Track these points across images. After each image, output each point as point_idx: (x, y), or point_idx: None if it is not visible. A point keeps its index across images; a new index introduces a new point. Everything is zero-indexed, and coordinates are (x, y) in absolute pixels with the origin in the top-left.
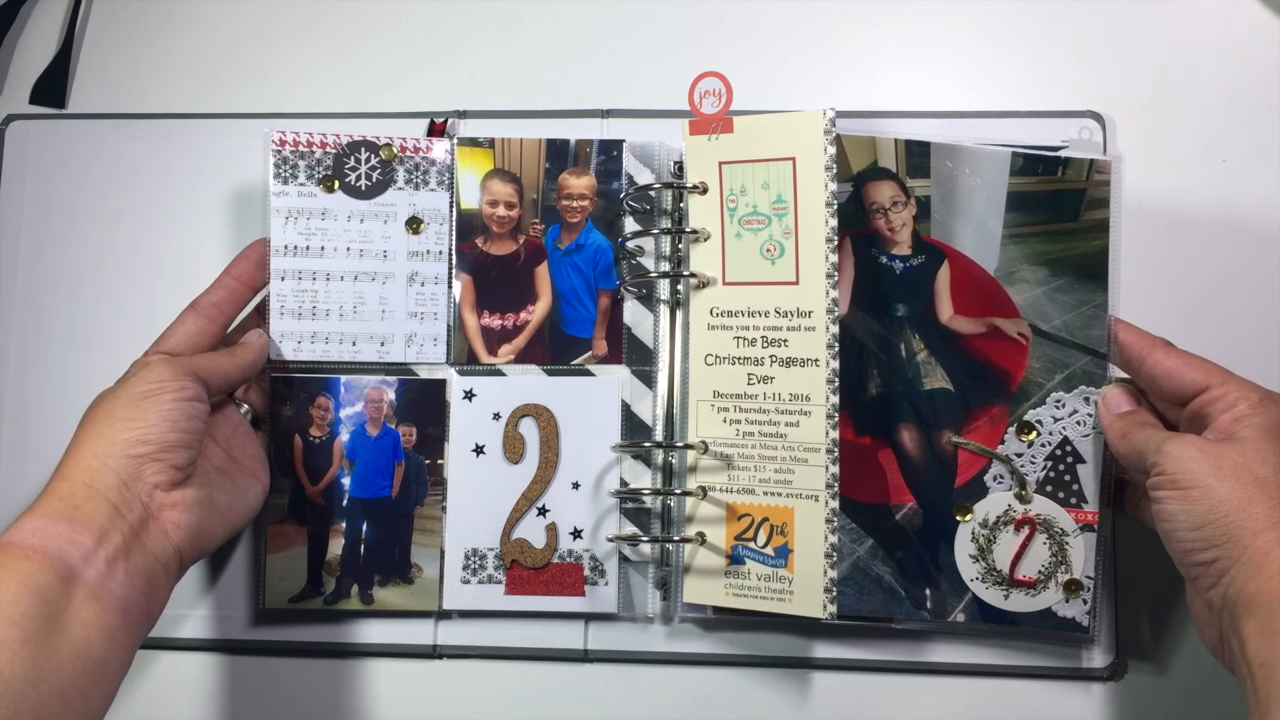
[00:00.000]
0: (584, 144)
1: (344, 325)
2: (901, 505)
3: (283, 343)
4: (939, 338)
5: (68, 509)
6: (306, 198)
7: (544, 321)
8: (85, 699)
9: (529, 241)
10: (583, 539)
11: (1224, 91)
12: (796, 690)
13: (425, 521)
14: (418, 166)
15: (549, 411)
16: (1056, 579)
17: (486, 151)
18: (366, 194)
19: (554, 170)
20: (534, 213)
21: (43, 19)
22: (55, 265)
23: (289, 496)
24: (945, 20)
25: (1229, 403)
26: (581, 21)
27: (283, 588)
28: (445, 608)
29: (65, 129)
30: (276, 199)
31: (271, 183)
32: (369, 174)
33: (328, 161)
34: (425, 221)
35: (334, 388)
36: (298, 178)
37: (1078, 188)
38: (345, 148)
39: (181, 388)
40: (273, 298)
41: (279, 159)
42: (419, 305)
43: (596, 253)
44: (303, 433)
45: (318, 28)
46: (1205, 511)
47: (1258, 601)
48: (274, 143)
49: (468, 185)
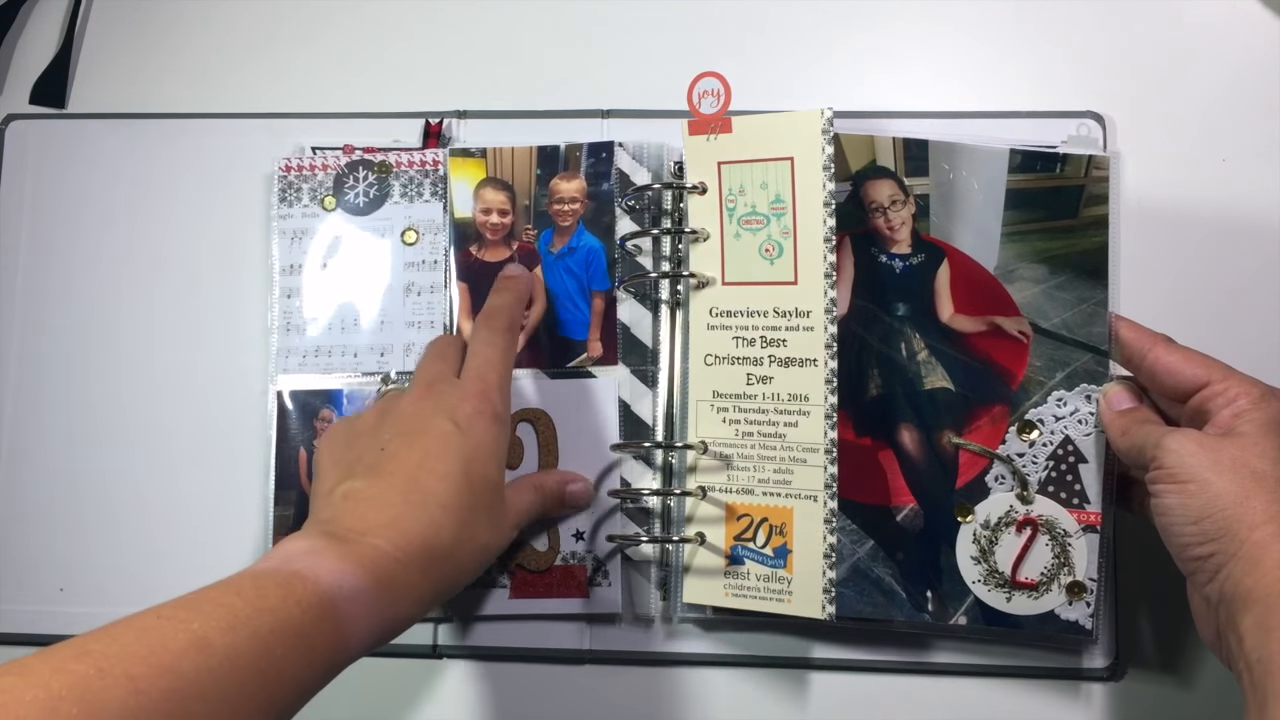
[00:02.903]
0: (574, 149)
1: (345, 338)
2: (902, 506)
3: (287, 359)
4: (940, 337)
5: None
6: (309, 218)
7: (539, 325)
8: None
9: (522, 247)
10: (585, 541)
11: (1224, 91)
12: (796, 690)
13: None
14: (412, 180)
15: (547, 416)
16: (1059, 581)
17: (479, 161)
18: (365, 210)
19: (545, 176)
20: (527, 219)
21: (43, 19)
22: (55, 265)
23: (294, 509)
24: (944, 20)
25: (1230, 398)
26: (581, 22)
27: None
28: (450, 613)
29: (65, 129)
30: (281, 221)
31: (277, 207)
32: (366, 191)
33: (328, 183)
34: (420, 232)
35: (337, 400)
36: (301, 200)
37: (1076, 184)
38: (344, 168)
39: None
40: (277, 315)
41: (284, 184)
42: (416, 315)
43: (589, 254)
44: (308, 446)
45: (318, 28)
46: (1202, 506)
47: (1254, 596)
48: (280, 169)
49: (461, 195)
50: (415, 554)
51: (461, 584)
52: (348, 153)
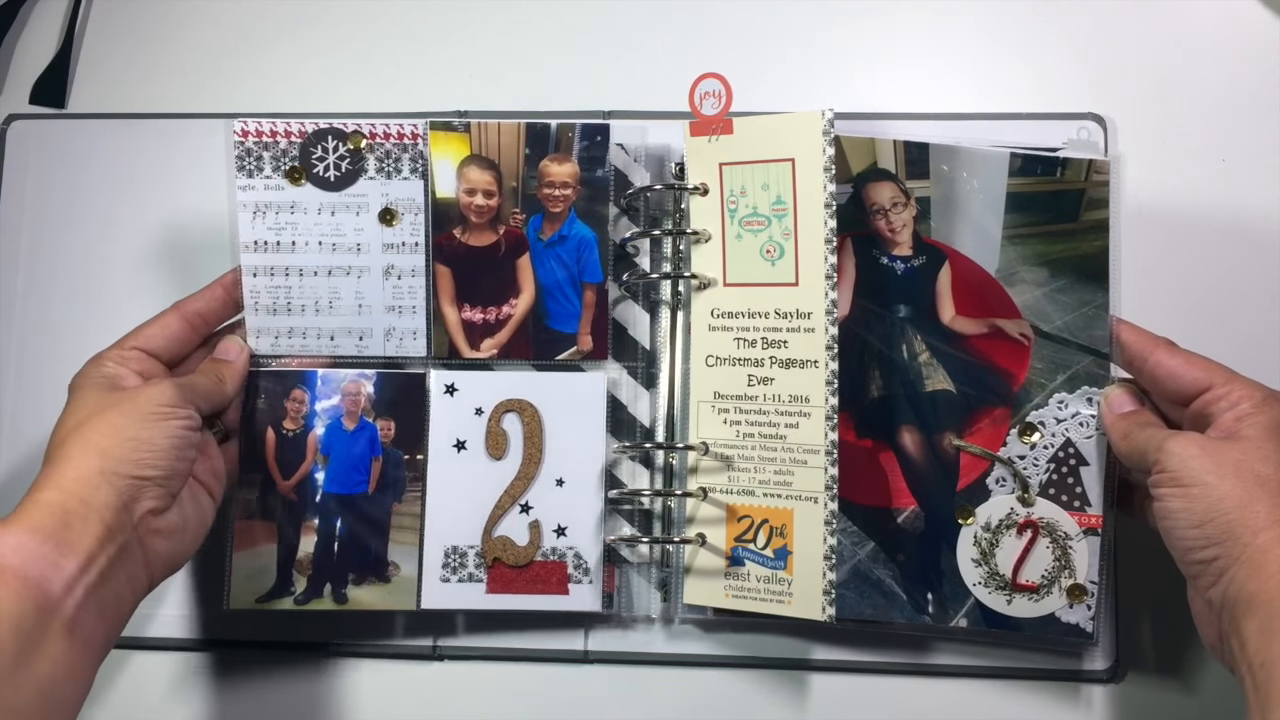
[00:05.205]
0: (566, 129)
1: (321, 320)
2: (903, 508)
3: (259, 339)
4: (941, 338)
5: (58, 525)
6: (273, 191)
7: (527, 315)
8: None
9: (510, 232)
10: (566, 536)
11: (1224, 92)
12: (796, 692)
13: (403, 518)
14: (389, 154)
15: (533, 407)
16: (1060, 584)
17: (462, 136)
18: (336, 185)
19: (534, 157)
20: (514, 202)
21: (43, 19)
22: (55, 264)
23: (258, 491)
24: (945, 22)
25: (1232, 401)
26: (582, 23)
27: (249, 586)
28: (424, 607)
29: (65, 129)
30: (242, 193)
31: (236, 176)
32: (338, 164)
33: (293, 152)
34: (399, 212)
35: (310, 381)
36: (263, 170)
37: (1077, 188)
38: (311, 137)
39: (189, 416)
40: (246, 294)
41: (242, 151)
42: (396, 299)
43: (581, 245)
44: (276, 426)
45: (318, 28)
46: (1205, 509)
47: (1258, 600)
48: (236, 134)
49: (443, 172)
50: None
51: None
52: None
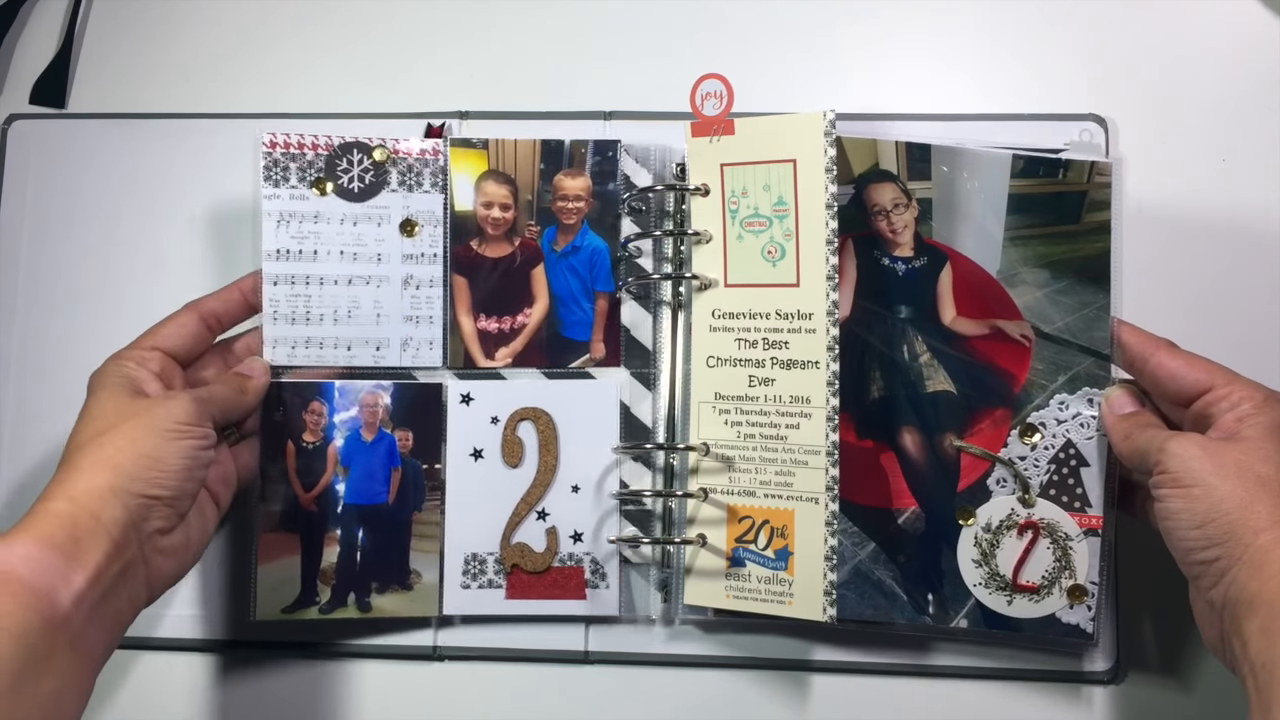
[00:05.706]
0: (579, 145)
1: (339, 330)
2: (904, 509)
3: (276, 348)
4: (942, 339)
5: (68, 538)
6: (298, 200)
7: (541, 324)
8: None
9: (524, 243)
10: (583, 542)
11: (1225, 93)
12: (797, 692)
13: (423, 527)
14: (411, 168)
15: (547, 415)
16: (1060, 584)
17: (480, 153)
18: (359, 196)
19: (549, 171)
20: (529, 214)
21: (43, 19)
22: (56, 265)
23: (281, 504)
24: (946, 23)
25: (1233, 402)
26: (583, 23)
27: (275, 598)
28: (446, 613)
29: (65, 129)
30: (268, 202)
31: (262, 185)
32: (361, 176)
33: (319, 164)
34: (419, 224)
35: (328, 392)
36: (289, 180)
37: (1078, 190)
38: (337, 149)
39: (205, 435)
40: (265, 302)
41: (270, 161)
42: (414, 309)
43: (593, 255)
44: (296, 438)
45: (318, 28)
46: (1207, 510)
47: (1259, 601)
48: (264, 144)
49: (462, 187)
50: (78, 494)
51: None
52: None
